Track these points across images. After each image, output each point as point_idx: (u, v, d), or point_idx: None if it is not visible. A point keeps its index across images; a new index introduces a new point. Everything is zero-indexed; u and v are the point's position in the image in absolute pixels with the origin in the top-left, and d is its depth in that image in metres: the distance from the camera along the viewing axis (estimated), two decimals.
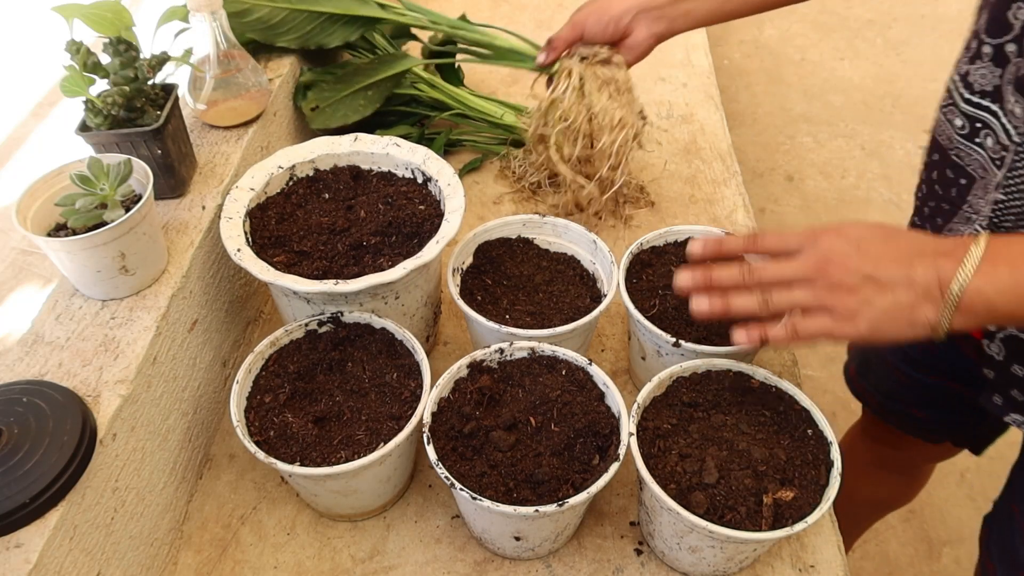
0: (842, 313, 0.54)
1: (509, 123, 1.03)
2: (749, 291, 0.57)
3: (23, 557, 0.50)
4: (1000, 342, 0.68)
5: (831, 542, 0.67)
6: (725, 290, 0.58)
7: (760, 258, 0.61)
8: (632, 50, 0.85)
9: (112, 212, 0.63)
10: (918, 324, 0.53)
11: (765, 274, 0.57)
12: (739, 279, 0.57)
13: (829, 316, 0.55)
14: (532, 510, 0.56)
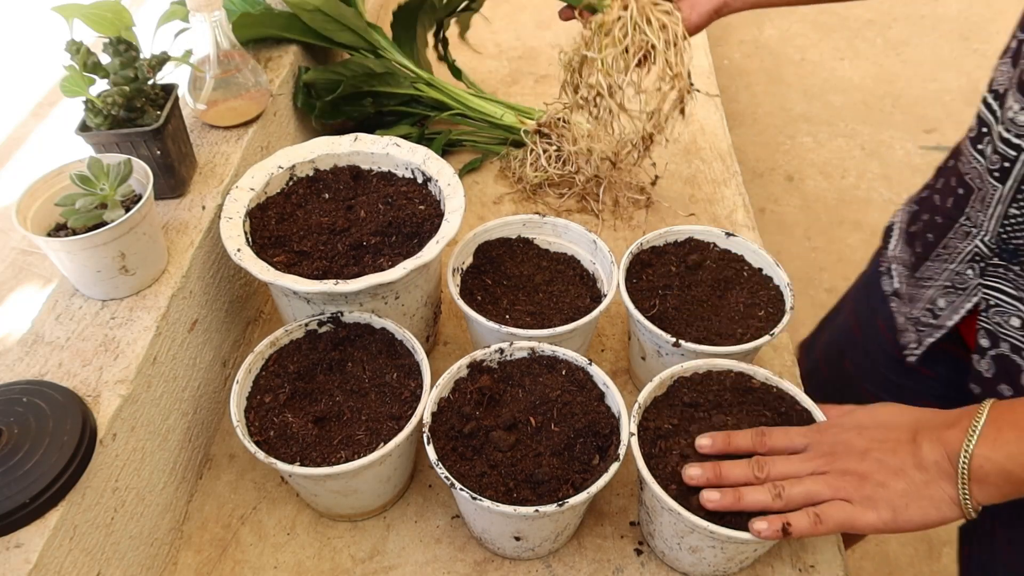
0: (860, 500, 0.54)
1: (509, 123, 1.04)
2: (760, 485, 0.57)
3: (23, 557, 0.50)
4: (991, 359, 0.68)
5: (831, 542, 0.67)
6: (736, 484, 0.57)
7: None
8: (695, 7, 0.79)
9: (112, 212, 0.63)
10: (941, 503, 0.53)
11: (775, 470, 0.57)
12: (750, 476, 0.57)
13: (849, 503, 0.54)
14: (532, 510, 0.56)
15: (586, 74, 0.84)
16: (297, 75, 0.98)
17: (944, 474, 0.53)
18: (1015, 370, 0.65)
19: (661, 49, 0.79)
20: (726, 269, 0.77)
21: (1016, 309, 0.64)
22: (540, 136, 1.00)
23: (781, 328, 0.71)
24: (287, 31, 0.96)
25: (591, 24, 0.81)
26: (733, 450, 0.60)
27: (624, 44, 0.79)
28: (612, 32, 0.79)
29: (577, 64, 0.85)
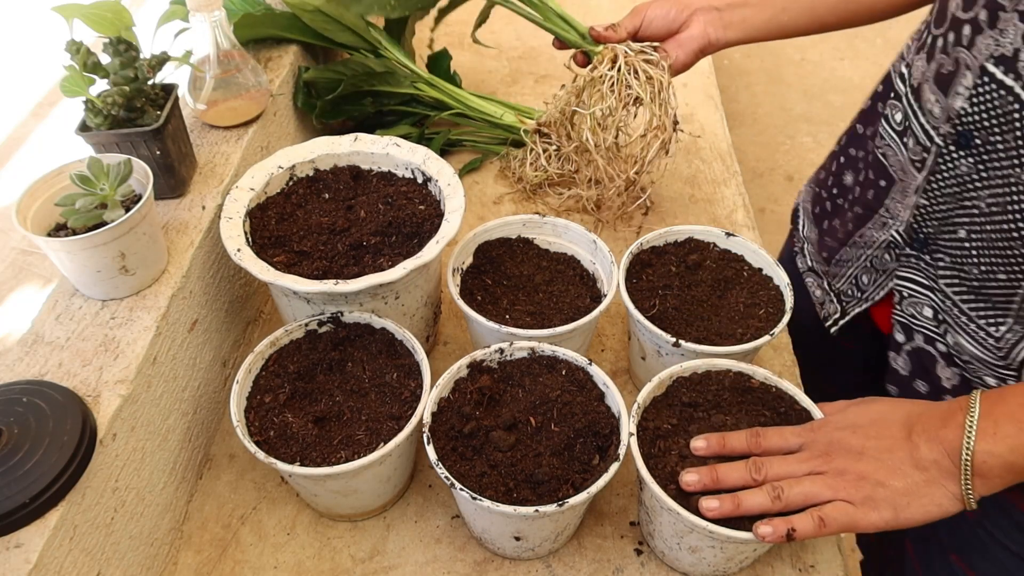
0: (861, 501, 0.54)
1: (509, 123, 1.03)
2: (759, 488, 0.56)
3: (23, 557, 0.50)
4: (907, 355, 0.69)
5: (831, 542, 0.67)
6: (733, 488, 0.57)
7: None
8: (683, 45, 0.83)
9: (112, 212, 0.63)
10: (943, 499, 0.53)
11: (772, 471, 0.57)
12: (747, 478, 0.57)
13: (850, 504, 0.54)
14: (532, 510, 0.56)
15: (577, 124, 0.90)
16: (297, 75, 0.98)
17: (946, 473, 0.53)
18: (930, 362, 0.67)
19: (648, 102, 0.83)
20: (726, 269, 0.77)
21: (928, 298, 0.66)
22: (540, 136, 1.00)
23: (781, 328, 0.71)
24: (287, 31, 0.96)
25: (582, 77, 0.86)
26: (728, 452, 0.60)
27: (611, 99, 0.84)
28: (602, 88, 0.84)
29: (569, 115, 0.90)
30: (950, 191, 0.62)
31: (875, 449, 0.55)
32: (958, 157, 0.60)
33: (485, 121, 1.05)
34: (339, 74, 0.98)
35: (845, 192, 0.77)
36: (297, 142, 0.90)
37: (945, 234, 0.64)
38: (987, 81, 0.56)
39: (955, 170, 0.61)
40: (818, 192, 0.84)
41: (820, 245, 0.81)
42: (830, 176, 0.81)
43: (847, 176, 0.77)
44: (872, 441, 0.55)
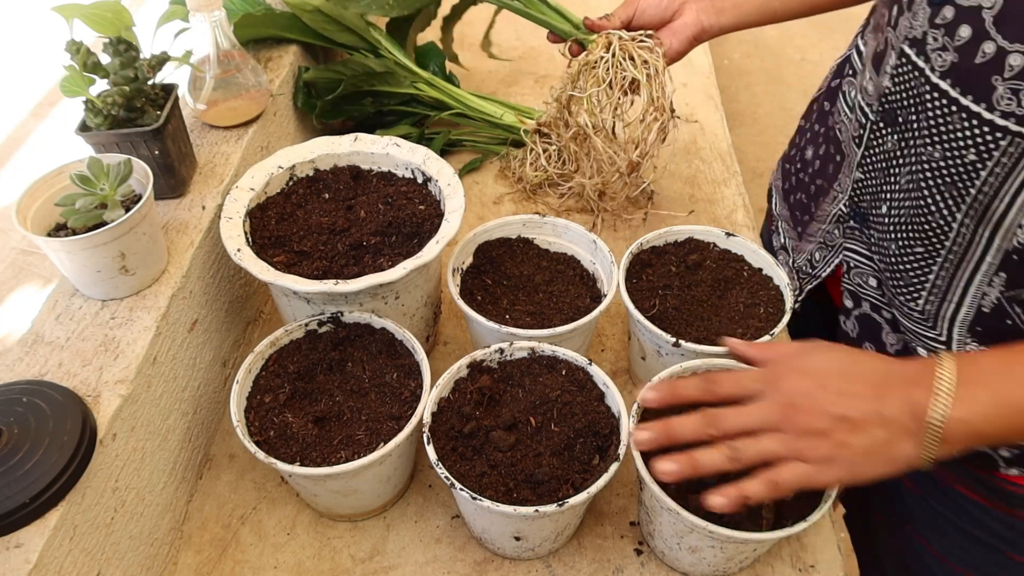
0: (818, 460, 0.51)
1: (509, 123, 1.04)
2: (714, 444, 0.53)
3: (23, 557, 0.50)
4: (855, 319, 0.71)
5: (831, 542, 0.67)
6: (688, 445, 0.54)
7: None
8: (676, 33, 0.84)
9: (112, 212, 0.63)
10: (897, 460, 0.51)
11: (727, 423, 0.53)
12: (701, 431, 0.53)
13: (805, 464, 0.52)
14: (532, 510, 0.56)
15: (574, 110, 0.89)
16: (297, 75, 0.98)
17: (905, 432, 0.51)
18: (876, 328, 0.69)
19: (644, 83, 0.83)
20: (726, 269, 0.77)
21: (871, 269, 0.69)
22: (540, 136, 1.00)
23: (781, 328, 0.71)
24: (287, 31, 0.96)
25: (577, 62, 0.86)
26: (680, 401, 0.56)
27: (607, 81, 0.83)
28: (596, 71, 0.84)
29: (565, 101, 0.89)
30: (880, 166, 0.65)
31: (839, 405, 0.52)
32: (886, 134, 0.63)
33: (485, 121, 1.05)
34: (339, 74, 0.98)
35: (807, 166, 0.80)
36: (297, 142, 0.90)
37: (876, 208, 0.67)
38: (904, 62, 0.59)
39: (883, 146, 0.64)
40: (787, 168, 0.86)
41: (793, 221, 0.83)
42: (796, 150, 0.84)
43: (809, 150, 0.80)
44: (837, 396, 0.52)
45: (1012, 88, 0.50)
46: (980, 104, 0.52)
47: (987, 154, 0.53)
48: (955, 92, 0.54)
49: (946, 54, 0.54)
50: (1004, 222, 0.55)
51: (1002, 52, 0.50)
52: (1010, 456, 0.62)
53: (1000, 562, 0.68)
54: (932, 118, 0.57)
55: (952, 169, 0.56)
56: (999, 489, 0.64)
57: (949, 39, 0.54)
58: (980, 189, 0.55)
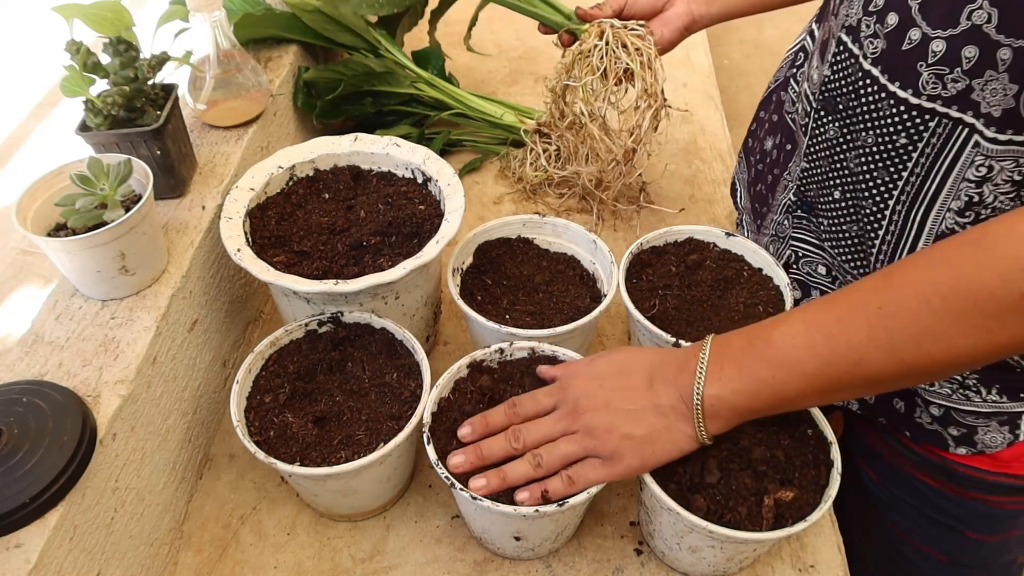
0: (608, 454, 0.56)
1: (509, 123, 1.04)
2: (521, 458, 0.58)
3: (23, 557, 0.50)
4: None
5: (831, 542, 0.67)
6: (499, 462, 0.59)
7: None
8: (668, 23, 0.84)
9: (112, 212, 0.63)
10: (681, 440, 0.56)
11: (528, 437, 0.59)
12: (507, 448, 0.59)
13: (598, 459, 0.57)
14: (532, 510, 0.56)
15: (569, 100, 0.89)
16: (297, 75, 0.98)
17: (680, 416, 0.55)
18: None
19: (638, 71, 0.83)
20: (726, 269, 0.77)
21: (820, 257, 0.71)
22: (540, 136, 1.00)
23: None
24: (287, 31, 0.96)
25: (571, 52, 0.86)
26: (493, 429, 0.60)
27: (602, 69, 0.83)
28: (590, 60, 0.84)
29: (560, 91, 0.89)
30: (824, 154, 0.66)
31: (620, 400, 0.57)
32: (827, 122, 0.64)
33: (485, 121, 1.05)
34: (339, 74, 0.98)
35: (765, 156, 0.81)
36: (297, 142, 0.90)
37: (823, 197, 0.68)
38: (842, 49, 0.61)
39: (825, 134, 0.65)
40: (749, 160, 0.87)
41: (753, 213, 0.84)
42: (756, 142, 0.85)
43: (768, 141, 0.81)
44: (617, 393, 0.57)
45: (936, 73, 0.53)
46: (907, 90, 0.55)
47: (917, 136, 0.55)
48: (884, 79, 0.56)
49: (877, 41, 0.56)
50: (935, 204, 0.57)
51: (926, 39, 0.52)
52: (958, 435, 0.66)
53: (958, 540, 0.72)
54: (865, 104, 0.59)
55: (885, 154, 0.58)
56: (951, 471, 0.68)
57: (880, 26, 0.56)
58: (912, 171, 0.57)
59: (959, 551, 0.73)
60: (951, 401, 0.65)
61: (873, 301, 0.49)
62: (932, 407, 0.66)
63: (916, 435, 0.69)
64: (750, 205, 0.86)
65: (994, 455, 0.66)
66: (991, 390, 0.63)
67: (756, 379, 0.53)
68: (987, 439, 0.65)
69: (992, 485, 0.68)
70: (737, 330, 0.56)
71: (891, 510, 0.76)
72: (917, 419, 0.68)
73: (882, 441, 0.73)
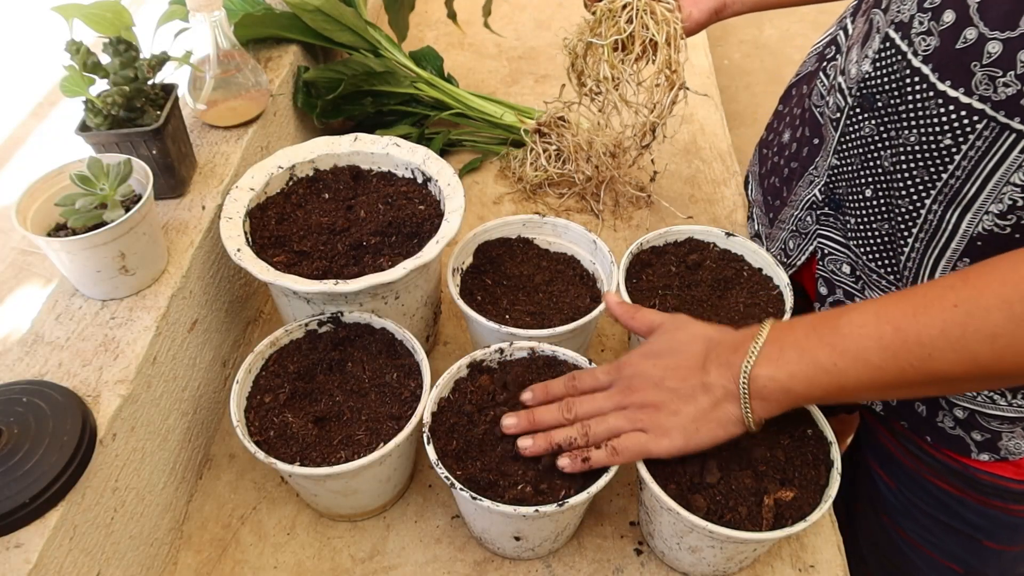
0: (655, 430, 0.57)
1: (509, 123, 1.04)
2: (571, 426, 0.59)
3: (23, 557, 0.50)
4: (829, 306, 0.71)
5: (831, 542, 0.67)
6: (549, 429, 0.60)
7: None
8: (699, 3, 0.81)
9: (112, 212, 0.63)
10: (727, 423, 0.56)
11: (580, 408, 0.60)
12: (560, 418, 0.60)
13: (644, 433, 0.57)
14: (532, 510, 0.56)
15: (591, 62, 0.85)
16: (297, 75, 0.98)
17: (729, 395, 0.55)
18: None
19: (662, 44, 0.80)
20: (726, 269, 0.77)
21: (846, 256, 0.69)
22: (540, 136, 1.00)
23: None
24: (287, 31, 0.96)
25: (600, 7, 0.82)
26: (552, 398, 0.62)
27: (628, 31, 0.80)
28: (617, 21, 0.80)
29: (582, 51, 0.85)
30: (856, 151, 0.65)
31: (672, 379, 0.57)
32: (863, 119, 0.63)
33: (485, 121, 1.05)
34: (339, 74, 0.98)
35: (783, 149, 0.80)
36: (297, 142, 0.90)
37: (853, 194, 0.66)
38: (888, 46, 0.59)
39: (859, 131, 0.64)
40: (764, 153, 0.86)
41: (766, 206, 0.83)
42: (773, 135, 0.84)
43: (786, 134, 0.80)
44: (671, 372, 0.58)
45: (989, 75, 0.51)
46: (958, 89, 0.54)
47: (963, 138, 0.54)
48: (934, 77, 0.55)
49: (930, 38, 0.55)
50: (973, 206, 0.56)
51: (982, 39, 0.51)
52: (981, 440, 0.64)
53: (975, 550, 0.71)
54: (911, 103, 0.57)
55: (927, 153, 0.57)
56: (971, 478, 0.67)
57: (935, 23, 0.54)
58: (952, 173, 0.56)
59: (975, 561, 0.72)
60: (976, 404, 0.63)
61: (950, 298, 0.48)
62: (957, 409, 0.64)
63: (937, 440, 0.67)
64: (761, 198, 0.85)
65: (1017, 462, 0.64)
66: (1017, 394, 0.62)
67: (816, 364, 0.52)
68: (1011, 445, 0.64)
69: (1015, 493, 0.66)
70: (803, 316, 0.56)
71: (904, 517, 0.74)
72: (939, 423, 0.66)
73: (900, 445, 0.72)
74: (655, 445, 0.57)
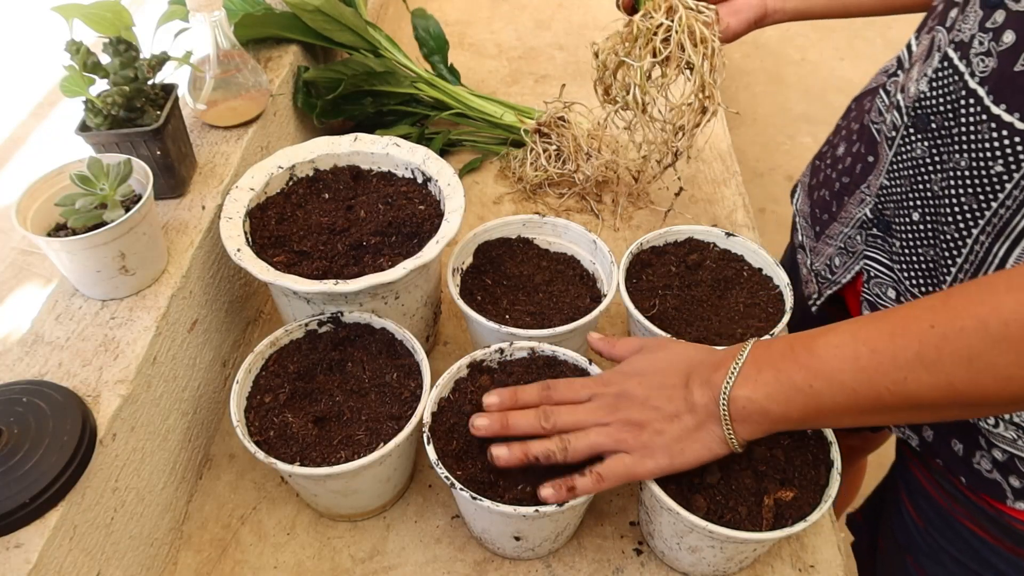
0: (639, 450, 0.55)
1: (509, 123, 1.04)
2: (549, 438, 0.57)
3: (23, 557, 0.50)
4: None
5: (831, 542, 0.67)
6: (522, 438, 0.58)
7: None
8: (738, 13, 0.79)
9: (112, 212, 0.63)
10: (712, 443, 0.54)
11: (561, 420, 0.57)
12: (536, 426, 0.57)
13: (628, 455, 0.55)
14: (532, 510, 0.56)
15: (621, 76, 0.83)
16: (297, 75, 0.98)
17: (711, 416, 0.54)
18: None
19: (698, 67, 0.77)
20: (726, 269, 0.77)
21: (891, 280, 0.67)
22: (540, 136, 1.00)
23: (781, 328, 0.71)
24: (287, 31, 0.96)
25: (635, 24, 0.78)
26: (521, 405, 0.59)
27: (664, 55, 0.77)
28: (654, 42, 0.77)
29: (613, 67, 0.83)
30: (907, 173, 0.63)
31: (656, 398, 0.56)
32: (915, 140, 0.61)
33: (485, 121, 1.05)
34: (339, 74, 0.98)
35: (836, 163, 0.78)
36: (297, 142, 0.90)
37: (901, 217, 0.64)
38: (946, 65, 0.57)
39: (911, 152, 0.62)
40: (817, 165, 0.84)
41: (812, 218, 0.82)
42: (829, 147, 0.82)
43: (841, 147, 0.78)
44: (655, 390, 0.56)
45: None
46: (1013, 114, 0.51)
47: (1015, 166, 0.52)
48: (989, 100, 0.53)
49: (988, 59, 0.53)
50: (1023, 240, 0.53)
51: None
52: (1019, 487, 0.61)
53: None
54: (964, 125, 0.55)
55: (977, 180, 0.55)
56: (1006, 526, 0.63)
57: (995, 44, 0.52)
58: (1003, 203, 0.54)
59: None
60: (1016, 448, 0.59)
61: (927, 319, 0.46)
62: (995, 451, 0.60)
63: (972, 481, 0.63)
64: (808, 210, 0.83)
65: None
66: None
67: (791, 385, 0.51)
68: None
69: None
70: (783, 335, 0.54)
71: (930, 560, 0.70)
72: (976, 464, 0.62)
73: (935, 481, 0.68)
74: (640, 467, 0.55)
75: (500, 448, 0.57)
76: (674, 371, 0.57)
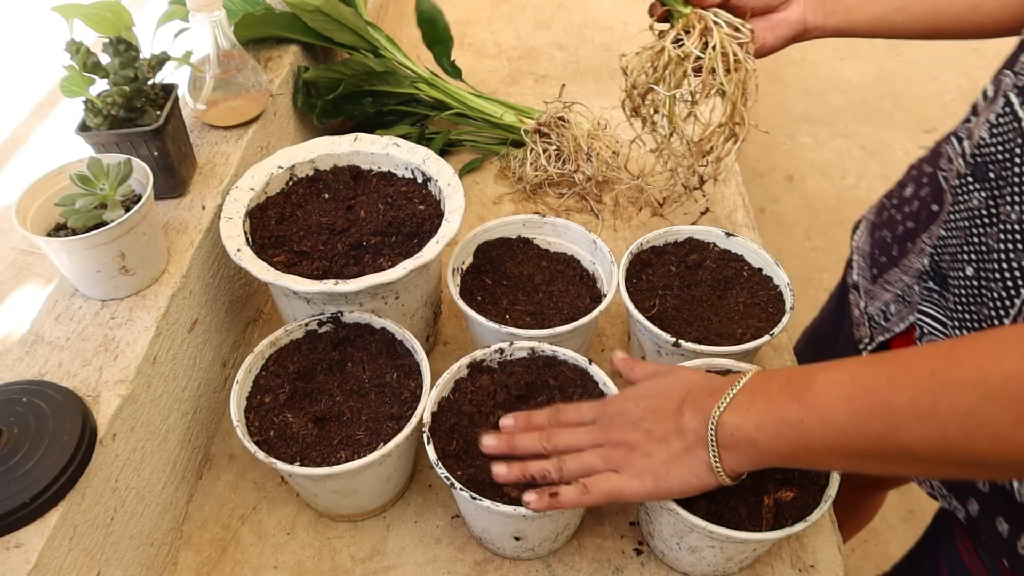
0: (626, 470, 0.55)
1: (509, 123, 1.03)
2: (547, 457, 0.58)
3: (23, 557, 0.50)
4: None
5: (831, 542, 0.67)
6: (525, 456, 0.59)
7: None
8: (776, 28, 0.75)
9: (112, 212, 0.63)
10: (699, 469, 0.53)
11: (560, 441, 0.58)
12: (538, 447, 0.58)
13: (616, 474, 0.55)
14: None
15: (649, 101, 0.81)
16: (297, 75, 0.98)
17: (700, 440, 0.52)
18: None
19: (730, 94, 0.75)
20: (726, 269, 0.77)
21: (944, 336, 0.64)
22: (540, 135, 1.00)
23: (781, 328, 0.71)
24: (287, 31, 0.96)
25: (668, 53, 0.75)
26: (533, 428, 0.60)
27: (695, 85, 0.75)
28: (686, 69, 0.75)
29: (642, 90, 0.80)
30: (962, 224, 0.59)
31: (649, 420, 0.55)
32: (973, 189, 0.58)
33: (485, 121, 1.05)
34: (339, 74, 0.98)
35: (903, 204, 0.74)
36: (297, 142, 0.90)
37: (955, 271, 0.61)
38: (1007, 111, 0.54)
39: (968, 203, 0.59)
40: (883, 203, 0.80)
41: (871, 259, 0.79)
42: (898, 187, 0.78)
43: (909, 188, 0.74)
44: (650, 413, 0.56)
45: None
46: None
47: None
48: None
49: None
50: None
51: None
52: None
53: None
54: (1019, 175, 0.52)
55: None
56: None
57: None
58: None
59: None
60: None
61: (929, 365, 0.43)
62: None
63: (1014, 566, 0.60)
64: (868, 249, 0.80)
65: None
66: None
67: (782, 419, 0.49)
68: None
69: None
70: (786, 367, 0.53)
71: None
72: (1020, 548, 0.58)
73: (977, 558, 0.65)
74: (626, 487, 0.55)
75: (500, 466, 0.58)
76: (672, 395, 0.56)
